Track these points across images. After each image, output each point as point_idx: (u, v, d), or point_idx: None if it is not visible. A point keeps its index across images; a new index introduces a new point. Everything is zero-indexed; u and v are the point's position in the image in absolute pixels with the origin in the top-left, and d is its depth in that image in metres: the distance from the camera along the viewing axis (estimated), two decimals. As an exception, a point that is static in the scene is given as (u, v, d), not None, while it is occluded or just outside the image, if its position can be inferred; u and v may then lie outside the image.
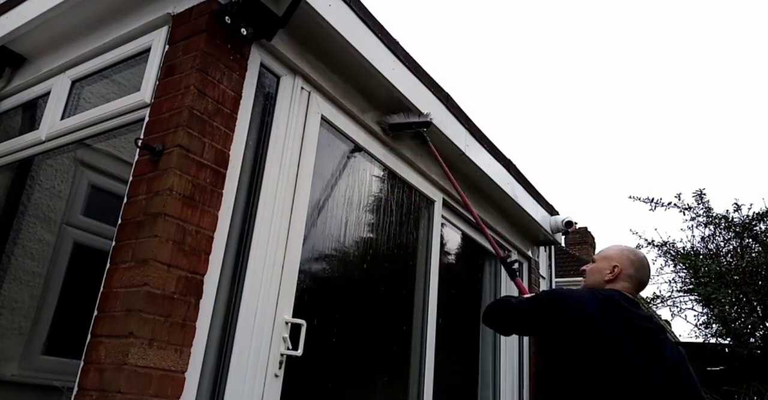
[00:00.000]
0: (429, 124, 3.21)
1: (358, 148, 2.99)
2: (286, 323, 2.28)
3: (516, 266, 2.61)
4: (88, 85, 2.76)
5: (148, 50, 2.40)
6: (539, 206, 4.73)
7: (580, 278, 2.31)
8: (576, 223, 5.32)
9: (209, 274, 2.04)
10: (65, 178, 3.30)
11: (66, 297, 3.08)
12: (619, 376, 1.76)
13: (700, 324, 6.72)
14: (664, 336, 1.92)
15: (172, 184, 1.95)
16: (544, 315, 1.94)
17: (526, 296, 2.23)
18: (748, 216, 6.15)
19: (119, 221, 2.07)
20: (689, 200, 6.50)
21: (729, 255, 6.24)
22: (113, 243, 2.04)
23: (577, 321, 1.84)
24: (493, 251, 2.90)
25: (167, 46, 2.30)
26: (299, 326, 2.30)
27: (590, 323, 1.84)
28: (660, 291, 6.98)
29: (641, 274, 2.07)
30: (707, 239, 6.44)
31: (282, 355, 2.24)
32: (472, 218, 3.99)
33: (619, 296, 1.95)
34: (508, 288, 4.50)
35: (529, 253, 4.85)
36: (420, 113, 3.18)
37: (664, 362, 1.82)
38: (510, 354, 4.35)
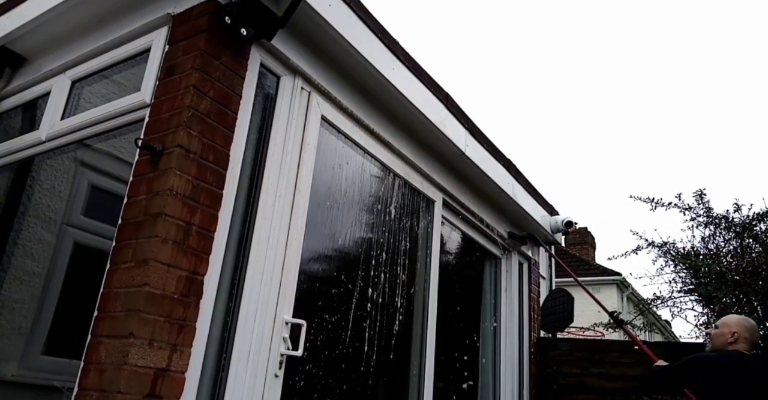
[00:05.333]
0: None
1: (358, 149, 2.99)
2: (286, 323, 2.28)
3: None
4: (88, 85, 2.76)
5: (148, 50, 2.40)
6: (539, 206, 4.73)
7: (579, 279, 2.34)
8: (576, 223, 5.32)
9: (209, 274, 2.04)
10: (65, 178, 3.30)
11: (66, 297, 3.08)
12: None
13: (701, 324, 6.71)
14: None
15: (173, 185, 1.95)
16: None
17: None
18: (748, 216, 6.14)
19: (119, 221, 2.07)
20: (689, 200, 6.48)
21: (729, 255, 6.23)
22: (113, 243, 2.04)
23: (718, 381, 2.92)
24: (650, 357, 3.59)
25: (167, 47, 2.30)
26: (299, 326, 2.30)
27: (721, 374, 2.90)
28: (660, 291, 6.96)
29: (754, 337, 2.98)
30: (707, 239, 6.42)
31: (282, 355, 2.24)
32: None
33: (737, 355, 2.91)
34: (508, 288, 4.50)
35: (529, 253, 4.85)
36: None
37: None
38: (510, 354, 4.34)
